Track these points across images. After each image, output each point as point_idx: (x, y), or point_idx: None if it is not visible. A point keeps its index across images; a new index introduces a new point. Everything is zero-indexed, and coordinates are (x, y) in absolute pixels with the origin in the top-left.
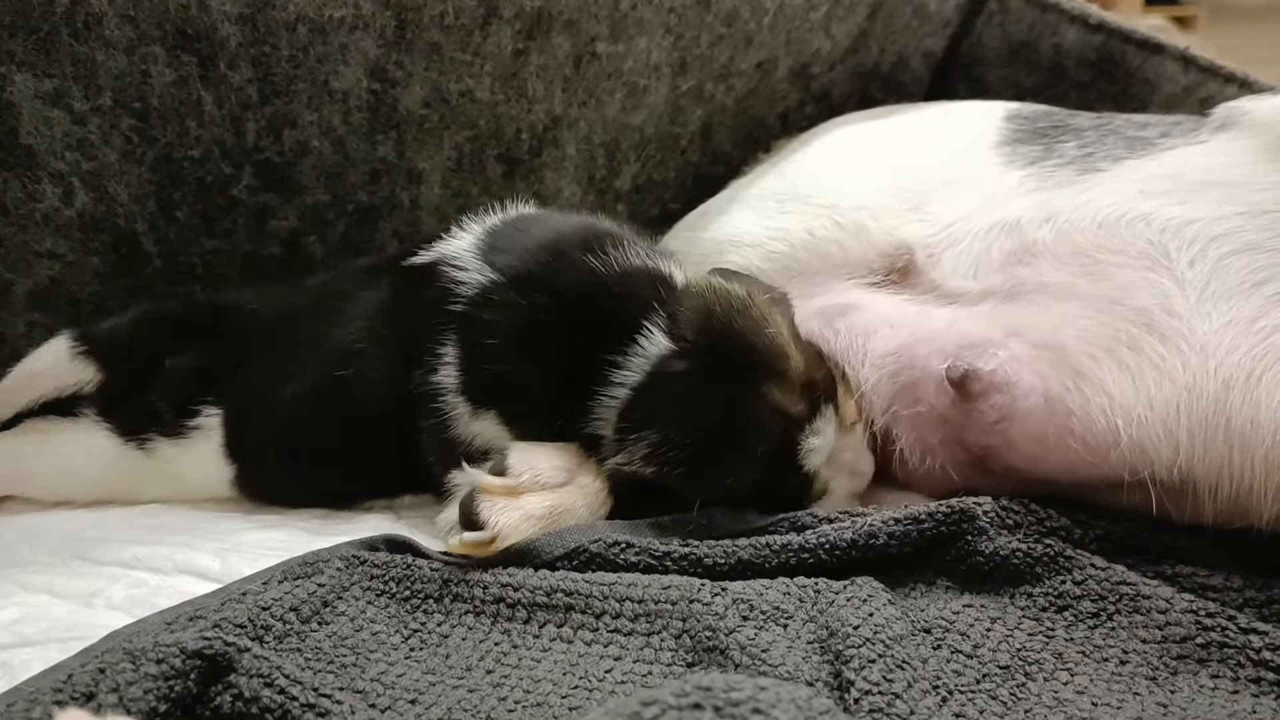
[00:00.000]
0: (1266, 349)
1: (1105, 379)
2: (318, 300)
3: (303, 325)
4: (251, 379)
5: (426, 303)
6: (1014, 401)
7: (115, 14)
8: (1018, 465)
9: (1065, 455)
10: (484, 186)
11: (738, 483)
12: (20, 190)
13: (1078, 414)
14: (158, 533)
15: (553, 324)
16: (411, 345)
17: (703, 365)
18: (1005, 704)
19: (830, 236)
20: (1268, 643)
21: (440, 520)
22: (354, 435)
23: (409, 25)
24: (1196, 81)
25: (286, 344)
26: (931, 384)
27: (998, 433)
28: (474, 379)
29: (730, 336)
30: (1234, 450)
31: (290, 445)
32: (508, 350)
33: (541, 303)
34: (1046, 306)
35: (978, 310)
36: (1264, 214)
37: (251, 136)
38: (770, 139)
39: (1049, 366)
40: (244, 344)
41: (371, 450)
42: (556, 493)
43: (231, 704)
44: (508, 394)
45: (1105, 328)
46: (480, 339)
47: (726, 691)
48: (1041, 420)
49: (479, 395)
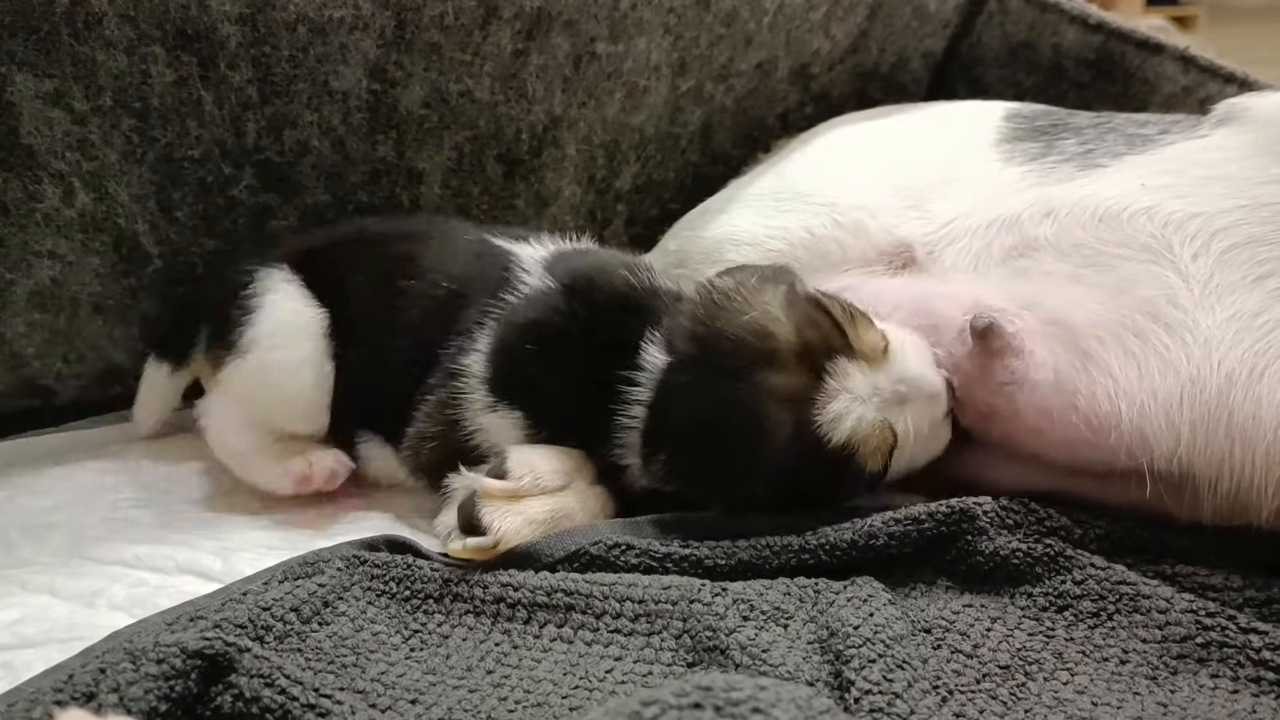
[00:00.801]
0: (1269, 344)
1: (1111, 363)
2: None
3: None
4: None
5: (491, 280)
6: (1028, 370)
7: (115, 14)
8: (1019, 437)
9: (1067, 432)
10: (484, 186)
11: (767, 483)
12: (20, 190)
13: (1083, 393)
14: (159, 532)
15: (586, 334)
16: (461, 309)
17: (694, 373)
18: (1005, 704)
19: (829, 235)
20: (1268, 642)
21: (439, 524)
22: (395, 355)
23: (409, 25)
24: (1196, 81)
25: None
26: (952, 330)
27: (1006, 395)
28: (501, 372)
29: (713, 337)
30: (1235, 445)
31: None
32: (541, 349)
33: (581, 312)
34: (1056, 288)
35: (989, 280)
36: (1265, 207)
37: (251, 136)
38: (770, 139)
39: (1059, 344)
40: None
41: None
42: (556, 497)
43: (232, 704)
44: (532, 395)
45: (1112, 314)
46: (519, 335)
47: (727, 691)
48: (1049, 394)
49: (502, 390)
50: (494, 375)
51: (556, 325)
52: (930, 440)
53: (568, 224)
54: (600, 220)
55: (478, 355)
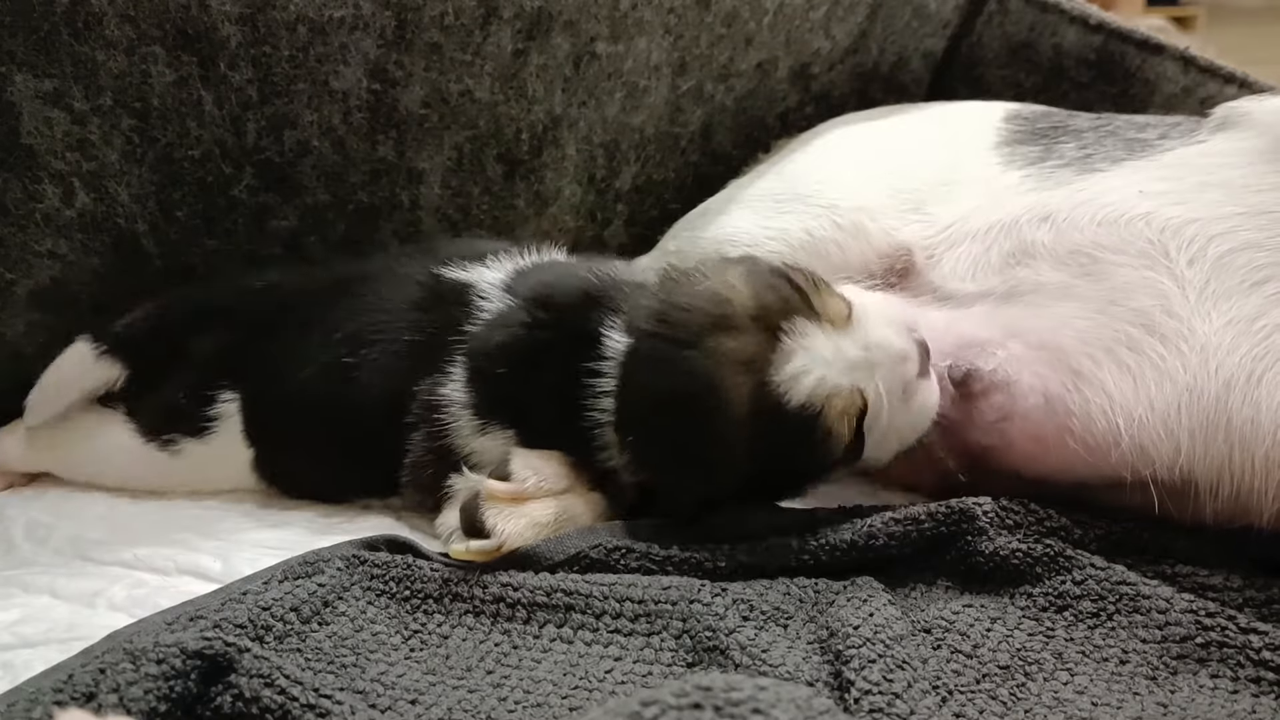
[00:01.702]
0: (1266, 349)
1: (1105, 380)
2: (343, 283)
3: (325, 307)
4: (270, 359)
5: (450, 316)
6: (1014, 401)
7: (115, 14)
8: (1017, 465)
9: (1064, 455)
10: (484, 186)
11: (734, 457)
12: (20, 190)
13: (1078, 414)
14: (159, 533)
15: (555, 341)
16: (425, 352)
17: (651, 348)
18: (1005, 704)
19: (829, 237)
20: (1268, 643)
21: (440, 524)
22: (354, 426)
23: (409, 25)
24: (1196, 82)
25: (306, 324)
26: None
27: (997, 432)
28: (483, 397)
29: (669, 309)
30: (1234, 450)
31: (300, 429)
32: (514, 369)
33: (541, 319)
34: (1044, 307)
35: (974, 311)
36: (1263, 213)
37: (251, 136)
38: (770, 139)
39: (1048, 367)
40: (265, 324)
41: (368, 444)
42: (560, 499)
43: (232, 704)
44: (519, 411)
45: (1105, 328)
46: (490, 360)
47: (726, 691)
48: (1041, 420)
49: (488, 412)
50: (477, 401)
51: (525, 341)
52: (910, 409)
53: (568, 224)
54: (600, 220)
55: (455, 385)
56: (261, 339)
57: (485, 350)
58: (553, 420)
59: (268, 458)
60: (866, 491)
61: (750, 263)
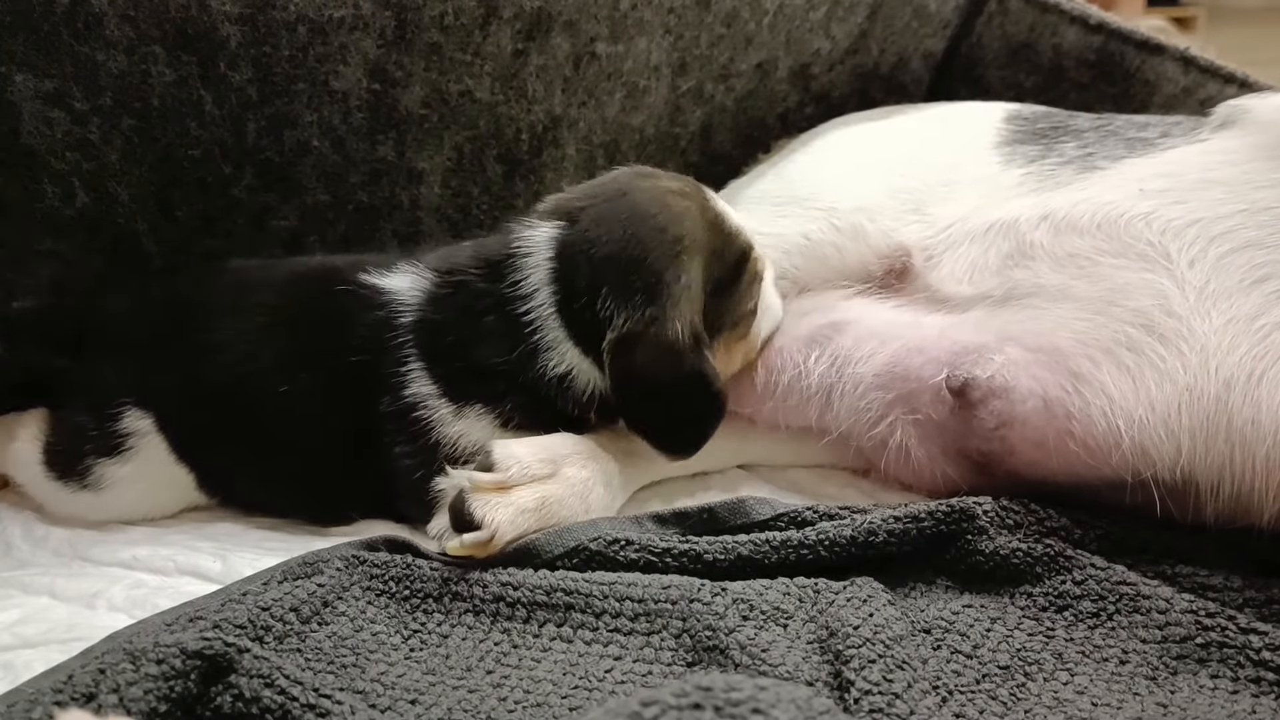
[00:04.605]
0: (1266, 348)
1: (1105, 381)
2: (238, 298)
3: (226, 321)
4: (180, 377)
5: (372, 326)
6: (1012, 406)
7: (115, 14)
8: (1019, 469)
9: (1066, 458)
10: (484, 187)
11: (687, 268)
12: (20, 190)
13: (1078, 417)
14: (158, 534)
15: (473, 290)
16: (363, 374)
17: (596, 211)
18: (1005, 704)
19: (827, 240)
20: (1268, 643)
21: (432, 528)
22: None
23: (409, 25)
24: (1196, 82)
25: (216, 341)
26: (928, 394)
27: (997, 438)
28: (446, 379)
29: (590, 189)
30: (1235, 450)
31: (238, 451)
32: (456, 329)
33: (458, 279)
34: (1042, 310)
35: (969, 317)
36: (1264, 211)
37: (251, 136)
38: (770, 139)
39: (1046, 370)
40: (165, 337)
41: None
42: (545, 484)
43: (232, 704)
44: (482, 381)
45: (1103, 330)
46: (434, 333)
47: (726, 691)
48: (1041, 424)
49: (459, 393)
50: (444, 384)
51: (454, 301)
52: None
53: None
54: None
55: (419, 381)
56: (164, 353)
57: (427, 329)
58: (509, 372)
59: (210, 478)
60: (866, 491)
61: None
